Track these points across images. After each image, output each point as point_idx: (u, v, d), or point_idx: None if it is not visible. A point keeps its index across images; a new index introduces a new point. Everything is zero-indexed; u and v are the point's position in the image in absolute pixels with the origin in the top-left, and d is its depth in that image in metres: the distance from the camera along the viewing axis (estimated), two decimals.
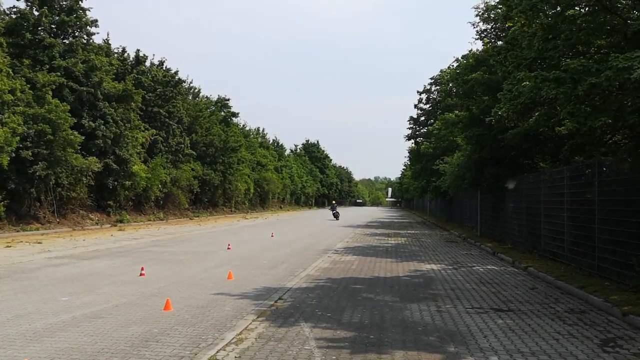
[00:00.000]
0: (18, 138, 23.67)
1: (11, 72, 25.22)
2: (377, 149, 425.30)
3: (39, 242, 20.87)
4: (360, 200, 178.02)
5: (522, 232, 19.24)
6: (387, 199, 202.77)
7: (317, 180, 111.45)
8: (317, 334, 7.72)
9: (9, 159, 23.00)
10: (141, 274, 12.91)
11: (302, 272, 13.99)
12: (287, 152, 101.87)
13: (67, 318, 8.41)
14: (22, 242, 20.87)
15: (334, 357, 6.60)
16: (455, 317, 9.05)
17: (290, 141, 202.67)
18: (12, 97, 23.98)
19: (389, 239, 27.37)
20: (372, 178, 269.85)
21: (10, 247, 19.07)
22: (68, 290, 10.89)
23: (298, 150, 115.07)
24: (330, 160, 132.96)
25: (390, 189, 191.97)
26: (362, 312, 9.25)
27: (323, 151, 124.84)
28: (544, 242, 16.51)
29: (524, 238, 18.95)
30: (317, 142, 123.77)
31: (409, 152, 55.97)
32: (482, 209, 27.07)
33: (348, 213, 77.03)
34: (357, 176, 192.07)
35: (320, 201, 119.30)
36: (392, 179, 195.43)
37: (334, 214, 48.51)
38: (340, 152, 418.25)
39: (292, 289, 11.51)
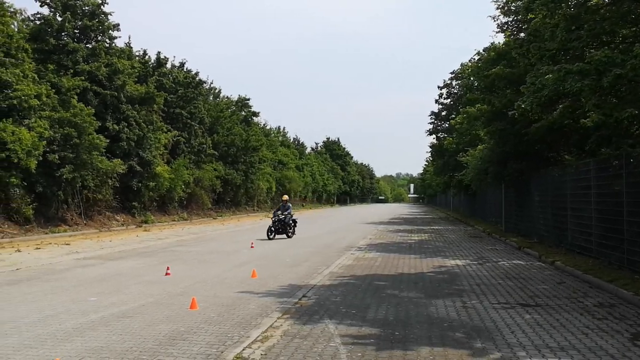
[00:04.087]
0: (45, 142, 24.09)
1: (37, 78, 25.65)
2: (398, 145, 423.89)
3: (67, 244, 21.24)
4: (382, 197, 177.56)
5: (548, 227, 18.98)
6: (409, 196, 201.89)
7: (338, 177, 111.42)
8: (342, 331, 7.72)
9: (36, 162, 23.42)
10: (167, 274, 13.05)
11: (325, 270, 14.01)
12: (308, 150, 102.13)
13: (96, 318, 8.54)
14: (50, 243, 21.25)
15: (360, 354, 6.60)
16: (481, 312, 8.98)
17: (311, 139, 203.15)
18: (38, 102, 24.40)
19: (412, 235, 27.26)
20: (394, 175, 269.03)
21: (39, 248, 19.43)
22: (96, 290, 11.06)
23: (319, 148, 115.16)
24: (351, 157, 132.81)
25: (412, 185, 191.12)
26: (387, 309, 9.23)
27: (344, 149, 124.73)
28: (571, 236, 16.27)
29: (550, 232, 18.70)
30: (338, 139, 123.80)
31: (430, 148, 55.63)
32: (506, 203, 26.78)
33: (370, 210, 76.85)
34: (378, 173, 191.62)
35: (342, 199, 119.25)
36: (414, 175, 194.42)
37: (275, 220, 23.77)
38: (361, 149, 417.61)
39: (315, 286, 11.53)
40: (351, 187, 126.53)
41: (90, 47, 31.48)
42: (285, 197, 26.52)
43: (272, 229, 23.60)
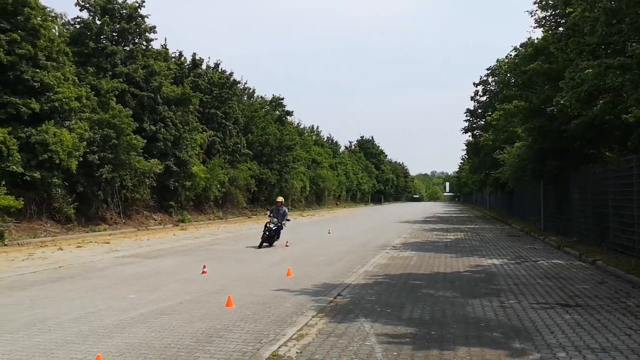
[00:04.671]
0: (85, 143, 24.72)
1: (77, 80, 26.32)
2: (434, 143, 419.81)
3: (107, 242, 21.73)
4: (417, 196, 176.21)
5: (589, 225, 18.53)
6: (444, 194, 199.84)
7: (372, 176, 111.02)
8: (378, 329, 7.70)
9: (77, 163, 24.07)
10: (203, 272, 13.22)
11: (360, 269, 13.99)
12: (342, 149, 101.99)
13: (136, 315, 8.72)
14: (91, 242, 21.78)
15: (395, 353, 6.57)
16: (519, 312, 8.83)
17: (345, 138, 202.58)
18: (78, 104, 25.04)
19: (448, 234, 26.97)
20: (429, 173, 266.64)
21: (80, 247, 19.94)
22: (135, 288, 11.29)
23: (353, 147, 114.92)
24: (386, 155, 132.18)
25: (447, 184, 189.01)
26: (423, 308, 9.16)
27: (378, 147, 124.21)
28: (613, 234, 15.84)
29: (591, 231, 18.25)
30: (372, 138, 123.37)
31: (466, 145, 54.95)
32: (544, 201, 26.25)
33: (404, 209, 76.36)
34: (413, 171, 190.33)
35: (376, 197, 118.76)
36: (449, 173, 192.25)
37: (267, 228, 19.82)
38: (395, 147, 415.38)
39: (350, 285, 11.52)
40: (385, 186, 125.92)
41: (127, 49, 32.13)
42: (280, 198, 21.90)
43: (272, 236, 19.92)
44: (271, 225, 19.75)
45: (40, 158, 22.64)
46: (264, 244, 19.47)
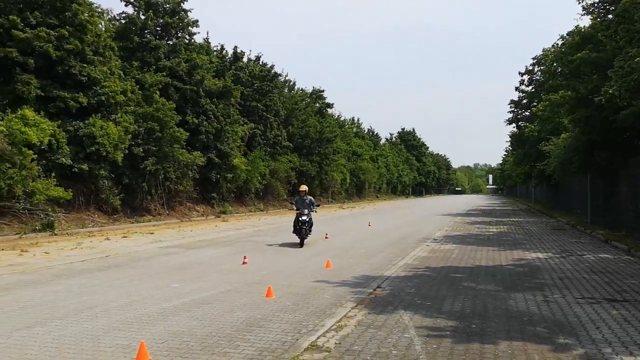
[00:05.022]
0: (130, 136, 25.35)
1: (122, 74, 26.96)
2: (476, 135, 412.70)
3: (151, 233, 22.24)
4: (459, 188, 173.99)
5: (638, 218, 17.91)
6: (487, 187, 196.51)
7: (413, 168, 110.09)
8: (417, 322, 7.65)
9: (122, 155, 24.72)
10: (244, 263, 13.38)
11: (400, 261, 13.91)
12: (383, 141, 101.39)
13: (178, 303, 8.90)
14: (136, 232, 22.34)
15: (435, 346, 6.51)
16: (564, 307, 8.62)
17: (386, 130, 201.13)
18: (123, 98, 25.67)
19: (491, 227, 26.52)
20: (472, 165, 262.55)
21: (126, 237, 20.48)
22: (178, 277, 11.53)
23: (393, 139, 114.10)
24: (427, 148, 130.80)
25: (490, 176, 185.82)
26: (463, 301, 9.04)
27: (419, 139, 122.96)
28: None
29: None
30: (413, 130, 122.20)
31: (510, 137, 53.84)
32: (592, 194, 25.50)
33: (446, 201, 75.47)
34: (455, 164, 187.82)
35: (417, 190, 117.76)
36: (492, 166, 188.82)
37: (300, 223, 17.73)
38: (437, 140, 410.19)
39: (390, 277, 11.48)
40: (427, 178, 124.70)
41: (171, 43, 32.69)
42: (304, 187, 18.95)
43: (300, 221, 17.76)
44: (304, 218, 17.78)
45: (87, 150, 23.34)
46: (304, 239, 17.62)
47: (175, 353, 6.22)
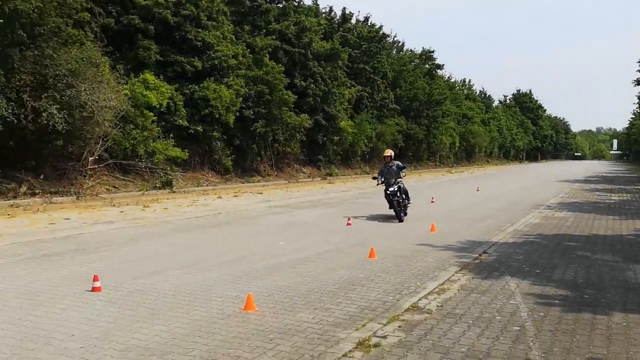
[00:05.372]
0: (241, 99, 26.21)
1: (234, 39, 27.77)
2: (600, 97, 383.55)
3: (260, 193, 23.09)
4: (579, 154, 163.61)
5: None
6: (611, 152, 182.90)
7: (528, 132, 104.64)
8: (524, 289, 7.37)
9: (234, 118, 25.67)
10: (348, 224, 13.53)
11: (509, 227, 13.41)
12: (496, 103, 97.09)
13: (284, 260, 9.21)
14: (246, 192, 23.29)
15: (542, 314, 6.25)
16: None
17: (499, 93, 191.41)
18: (235, 62, 26.50)
19: (612, 194, 24.77)
20: (594, 129, 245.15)
21: (237, 196, 21.42)
22: (284, 236, 11.91)
23: (507, 102, 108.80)
24: (544, 110, 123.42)
25: (615, 141, 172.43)
26: (576, 271, 8.57)
27: (536, 101, 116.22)
28: None
29: None
30: (530, 91, 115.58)
31: (638, 99, 49.43)
32: None
33: (563, 167, 71.33)
34: (575, 128, 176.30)
35: (532, 155, 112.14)
36: (618, 130, 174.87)
37: (390, 194, 14.58)
38: (556, 102, 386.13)
39: (497, 243, 11.12)
40: (543, 143, 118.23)
41: (280, 6, 33.08)
42: (389, 152, 15.52)
43: (399, 203, 14.53)
44: (393, 189, 14.48)
45: (202, 113, 24.49)
46: (403, 215, 14.62)
47: (279, 306, 6.47)
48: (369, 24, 44.51)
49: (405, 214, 14.86)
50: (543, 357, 4.98)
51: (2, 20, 14.73)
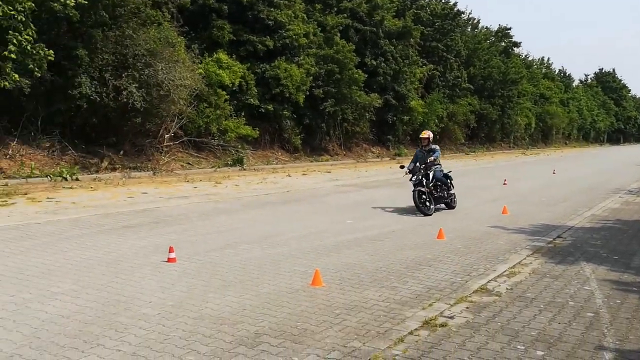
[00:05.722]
0: (311, 78, 26.33)
1: (305, 18, 27.83)
2: None
3: (328, 172, 23.24)
4: None
5: None
6: None
7: (610, 113, 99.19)
8: (600, 275, 7.08)
9: (304, 97, 25.84)
10: None
11: (586, 212, 12.87)
12: (576, 83, 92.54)
13: (351, 238, 9.27)
14: (314, 171, 23.50)
15: (619, 301, 6.00)
16: None
17: (580, 71, 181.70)
18: (306, 41, 26.60)
19: None
20: None
21: (305, 174, 21.66)
22: (352, 214, 11.96)
23: (589, 81, 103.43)
24: (629, 90, 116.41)
25: None
26: None
27: (620, 81, 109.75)
28: None
29: None
30: (613, 70, 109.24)
31: None
32: None
33: None
34: None
35: (614, 137, 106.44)
36: None
37: (418, 193, 11.92)
38: None
39: (573, 227, 10.72)
40: (626, 125, 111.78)
41: None
42: (427, 133, 13.27)
43: (421, 195, 11.97)
44: (418, 177, 12.05)
45: (273, 92, 24.81)
46: (429, 209, 11.95)
47: (346, 283, 6.54)
48: (443, 1, 43.35)
49: (452, 206, 12.87)
50: (618, 345, 4.80)
51: (86, 2, 15.41)
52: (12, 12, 13.00)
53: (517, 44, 57.26)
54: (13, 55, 13.24)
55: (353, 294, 6.10)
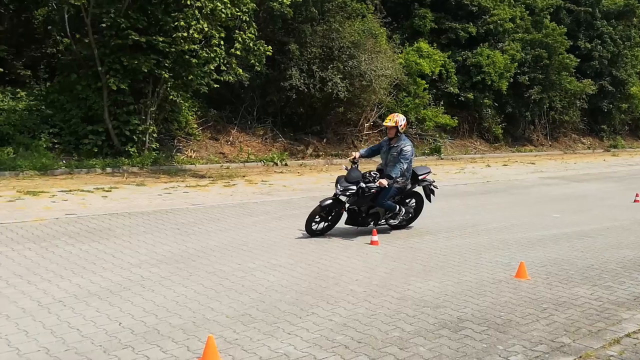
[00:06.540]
0: (516, 64, 25.07)
1: (512, 1, 26.55)
2: None
3: (531, 163, 22.00)
4: None
5: None
6: None
7: None
8: None
9: (507, 84, 24.72)
10: (635, 200, 12.15)
11: None
12: None
13: (558, 233, 8.77)
14: (516, 161, 22.42)
15: None
16: None
17: None
18: (512, 25, 25.40)
19: None
20: None
21: (506, 165, 20.79)
22: (558, 208, 11.25)
23: None
24: None
25: None
26: None
27: None
28: None
29: None
30: None
31: None
32: None
33: None
34: None
35: None
36: None
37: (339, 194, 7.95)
38: None
39: None
40: None
41: None
42: (395, 117, 8.30)
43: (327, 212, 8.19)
44: (349, 187, 7.93)
45: (473, 80, 24.17)
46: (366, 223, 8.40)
47: (553, 278, 6.25)
48: None
49: (403, 225, 8.83)
50: None
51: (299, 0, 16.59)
52: (239, 14, 14.48)
53: None
54: (238, 52, 14.78)
55: (561, 290, 5.83)
